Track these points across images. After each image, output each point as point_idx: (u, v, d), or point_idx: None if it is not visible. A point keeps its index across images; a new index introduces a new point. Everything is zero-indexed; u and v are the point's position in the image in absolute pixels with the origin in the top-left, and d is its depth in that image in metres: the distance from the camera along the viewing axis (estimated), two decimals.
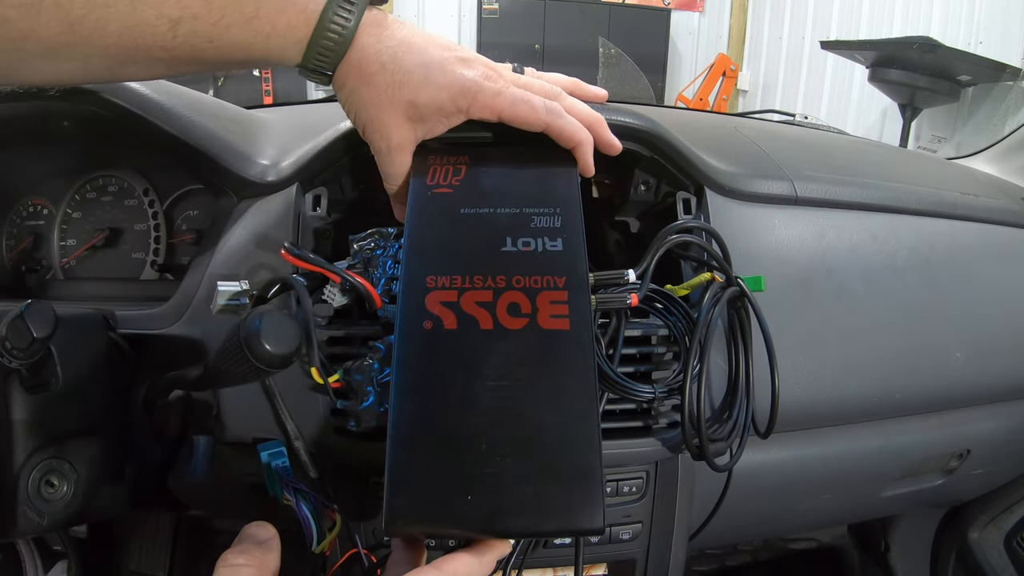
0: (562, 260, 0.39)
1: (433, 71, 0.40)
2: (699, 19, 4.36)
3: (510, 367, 0.36)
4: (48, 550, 0.74)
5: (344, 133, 0.50)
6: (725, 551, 1.16)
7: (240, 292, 0.47)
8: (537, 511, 0.32)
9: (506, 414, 0.34)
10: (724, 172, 0.59)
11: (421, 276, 0.39)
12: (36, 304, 0.41)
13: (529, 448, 0.33)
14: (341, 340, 0.49)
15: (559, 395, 0.35)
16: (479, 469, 0.33)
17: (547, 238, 0.40)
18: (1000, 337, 0.69)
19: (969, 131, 2.48)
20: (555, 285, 0.38)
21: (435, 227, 0.41)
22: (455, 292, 0.38)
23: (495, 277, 0.38)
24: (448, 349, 0.36)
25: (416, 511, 0.32)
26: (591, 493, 0.33)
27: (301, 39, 0.38)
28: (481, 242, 0.40)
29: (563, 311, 0.37)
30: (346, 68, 0.39)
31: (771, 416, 0.52)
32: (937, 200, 0.69)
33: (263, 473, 0.49)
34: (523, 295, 0.38)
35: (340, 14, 0.38)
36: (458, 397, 0.35)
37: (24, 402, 0.44)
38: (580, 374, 0.35)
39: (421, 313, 0.37)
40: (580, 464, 0.33)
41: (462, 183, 0.44)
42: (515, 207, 0.42)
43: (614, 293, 0.46)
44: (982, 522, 0.92)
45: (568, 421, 0.34)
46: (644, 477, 0.55)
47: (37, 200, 0.70)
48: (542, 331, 0.36)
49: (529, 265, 0.39)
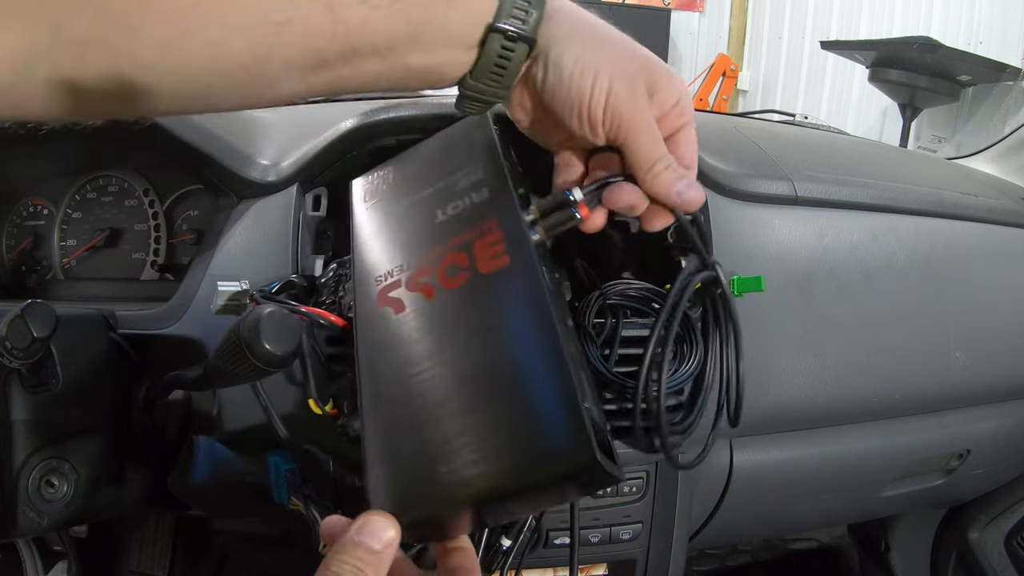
0: (489, 205, 0.38)
1: None
2: (699, 19, 4.35)
3: (462, 324, 0.34)
4: (48, 550, 0.74)
5: (344, 133, 0.50)
6: (725, 551, 1.16)
7: (240, 292, 0.48)
8: (513, 463, 0.29)
9: (466, 374, 0.32)
10: (724, 172, 0.59)
11: (370, 279, 0.39)
12: (36, 304, 0.41)
13: (496, 399, 0.31)
14: (340, 358, 0.49)
15: (515, 330, 0.33)
16: (445, 436, 0.31)
17: (472, 192, 0.39)
18: (1000, 337, 0.69)
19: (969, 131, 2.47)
20: (487, 229, 0.37)
21: (374, 234, 0.42)
22: (399, 279, 0.38)
23: (432, 250, 0.38)
24: (400, 334, 0.35)
25: (394, 497, 0.30)
26: (567, 422, 0.29)
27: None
28: (415, 226, 0.40)
29: (500, 249, 0.35)
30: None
31: (736, 404, 0.49)
32: (937, 200, 0.69)
33: (264, 474, 0.49)
34: (461, 253, 0.37)
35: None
36: (415, 376, 0.33)
37: (24, 402, 0.44)
38: (531, 300, 0.33)
39: (373, 310, 0.37)
40: (552, 397, 0.30)
41: (390, 187, 0.44)
42: (439, 181, 0.42)
43: (562, 212, 0.39)
44: (982, 522, 0.92)
45: (529, 358, 0.31)
46: (644, 477, 0.55)
47: (37, 200, 0.70)
48: (482, 276, 0.35)
49: (460, 223, 0.38)
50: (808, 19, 3.62)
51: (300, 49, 0.30)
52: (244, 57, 0.29)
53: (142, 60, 0.28)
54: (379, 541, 0.28)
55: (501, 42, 0.33)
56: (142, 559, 0.80)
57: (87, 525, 0.71)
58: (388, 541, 0.28)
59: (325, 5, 0.30)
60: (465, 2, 0.33)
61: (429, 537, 0.33)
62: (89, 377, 0.47)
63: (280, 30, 0.29)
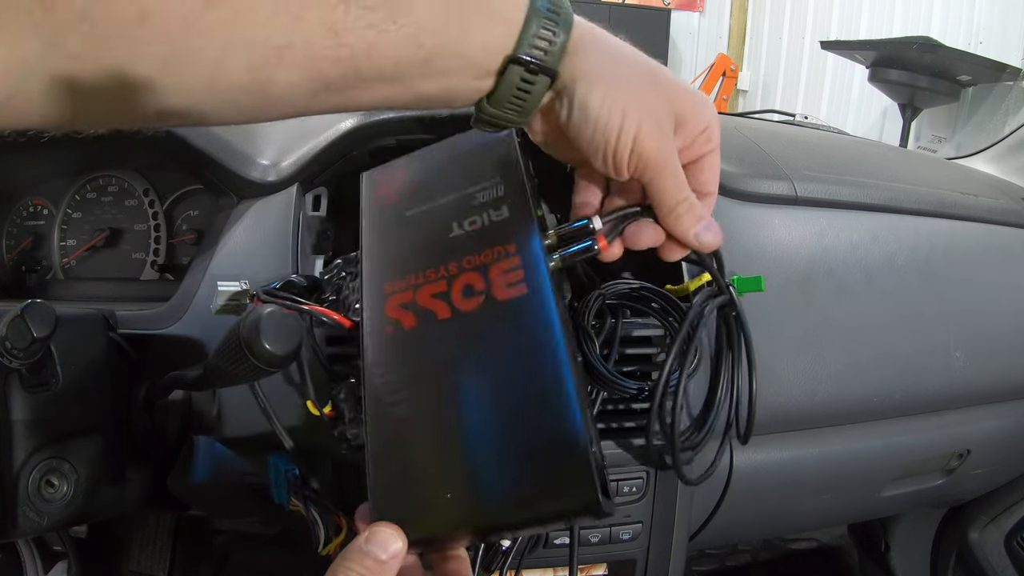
0: (509, 227, 0.37)
1: None
2: (699, 19, 4.35)
3: (473, 349, 0.34)
4: (48, 550, 0.74)
5: (344, 133, 0.50)
6: (725, 551, 1.16)
7: (240, 292, 0.48)
8: (519, 496, 0.30)
9: (475, 398, 0.32)
10: (724, 172, 0.58)
11: (379, 285, 0.38)
12: (36, 304, 0.41)
13: (505, 429, 0.31)
14: (341, 358, 0.49)
15: (526, 365, 0.32)
16: (455, 463, 0.31)
17: (491, 210, 0.39)
18: (1000, 337, 0.69)
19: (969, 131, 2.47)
20: (505, 254, 0.36)
21: (385, 237, 0.41)
22: (410, 291, 0.37)
23: (447, 265, 0.37)
24: (410, 348, 0.35)
25: (397, 516, 0.30)
26: (575, 463, 0.29)
27: None
28: (429, 236, 0.39)
29: (518, 277, 0.35)
30: None
31: (748, 421, 0.51)
32: (937, 200, 0.69)
33: (263, 474, 0.49)
34: (476, 274, 0.36)
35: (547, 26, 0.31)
36: (424, 393, 0.33)
37: (24, 402, 0.44)
38: (545, 336, 0.33)
39: (381, 320, 0.37)
40: (557, 434, 0.30)
41: (404, 188, 0.43)
42: (456, 191, 0.41)
43: (581, 244, 0.40)
44: (982, 522, 0.92)
45: (541, 390, 0.31)
46: (644, 477, 0.55)
47: (37, 200, 0.70)
48: (498, 303, 0.35)
49: (478, 242, 0.38)
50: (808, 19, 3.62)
51: (303, 73, 0.29)
52: (243, 77, 0.29)
53: (139, 76, 0.27)
54: (386, 551, 0.28)
55: (521, 74, 0.31)
56: (142, 559, 0.80)
57: (87, 525, 0.71)
58: (395, 552, 0.29)
59: (329, 28, 0.29)
60: (481, 27, 0.31)
61: (427, 550, 0.33)
62: (89, 377, 0.47)
63: (281, 53, 0.28)
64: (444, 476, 0.31)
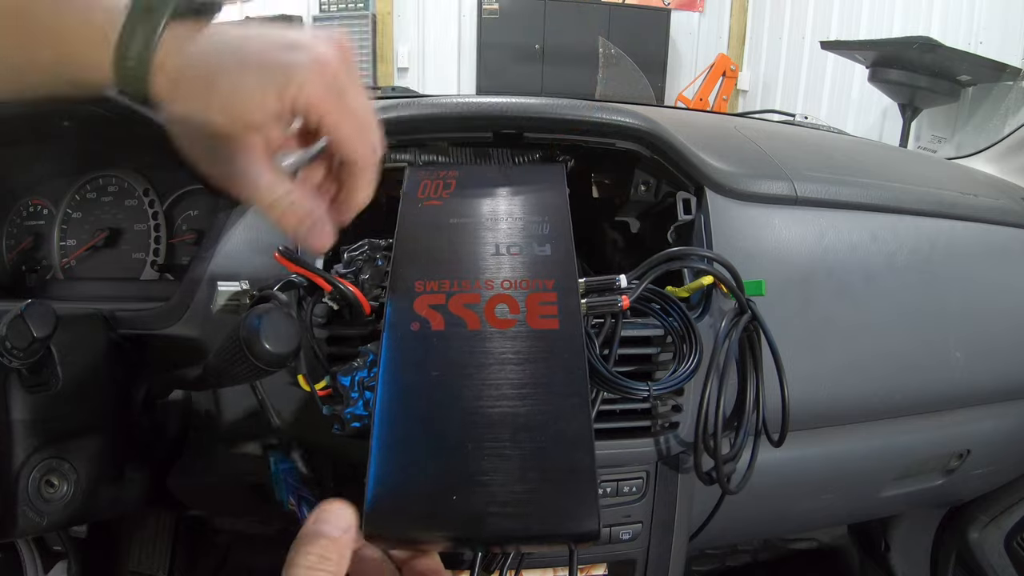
0: (551, 264, 0.40)
1: None
2: (699, 19, 4.36)
3: (498, 366, 0.35)
4: (48, 550, 0.74)
5: None
6: (725, 551, 1.16)
7: (240, 292, 0.47)
8: (526, 513, 0.31)
9: (495, 413, 0.34)
10: (724, 172, 0.59)
11: (410, 280, 0.39)
12: (36, 304, 0.41)
13: (519, 448, 0.33)
14: (339, 340, 0.49)
15: (549, 393, 0.34)
16: (465, 469, 0.32)
17: (536, 243, 0.41)
18: (1000, 337, 0.69)
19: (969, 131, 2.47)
20: (544, 287, 0.39)
21: (425, 236, 0.42)
22: (443, 295, 0.38)
23: (484, 281, 0.39)
24: (435, 349, 0.36)
25: (398, 511, 0.31)
26: (584, 494, 0.31)
27: None
28: (470, 248, 0.41)
29: (552, 311, 0.37)
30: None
31: (782, 426, 0.53)
32: (937, 200, 0.69)
33: (263, 473, 0.49)
34: (512, 297, 0.38)
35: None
36: (444, 396, 0.34)
37: (24, 402, 0.44)
38: (571, 372, 0.35)
39: (409, 315, 0.38)
40: (572, 464, 0.32)
41: (452, 196, 0.45)
42: (504, 216, 0.43)
43: (605, 297, 0.45)
44: (982, 522, 0.92)
45: (559, 420, 0.33)
46: (644, 477, 0.55)
47: (37, 200, 0.70)
48: (531, 330, 0.37)
49: (518, 269, 0.40)
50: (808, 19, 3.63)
51: None
52: None
53: None
54: (337, 528, 0.29)
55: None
56: (142, 559, 0.80)
57: (87, 525, 0.71)
58: (346, 526, 0.29)
59: None
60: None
61: (410, 548, 0.33)
62: (89, 377, 0.47)
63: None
64: (451, 479, 0.32)
